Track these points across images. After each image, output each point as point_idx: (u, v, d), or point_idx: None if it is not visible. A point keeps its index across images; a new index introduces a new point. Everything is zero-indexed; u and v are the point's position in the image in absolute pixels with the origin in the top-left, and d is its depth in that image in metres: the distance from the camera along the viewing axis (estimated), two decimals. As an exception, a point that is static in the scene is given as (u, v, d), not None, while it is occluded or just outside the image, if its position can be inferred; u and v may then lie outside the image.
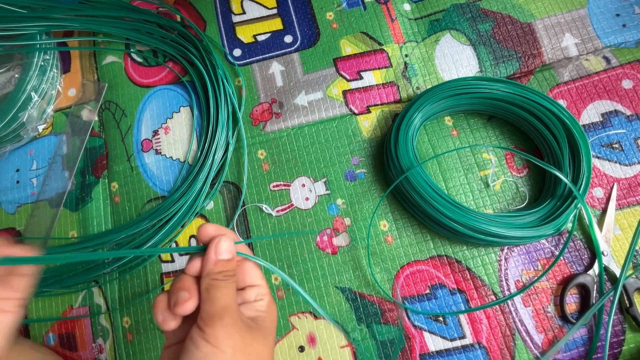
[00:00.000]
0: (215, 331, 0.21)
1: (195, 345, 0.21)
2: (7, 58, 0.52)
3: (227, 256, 0.24)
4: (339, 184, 0.48)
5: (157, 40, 0.54)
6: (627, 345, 0.40)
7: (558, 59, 0.50)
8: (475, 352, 0.41)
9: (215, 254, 0.23)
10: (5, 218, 0.51)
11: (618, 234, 0.43)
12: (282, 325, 0.44)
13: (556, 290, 0.42)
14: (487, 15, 0.52)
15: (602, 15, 0.51)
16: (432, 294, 0.43)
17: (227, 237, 0.24)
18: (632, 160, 0.45)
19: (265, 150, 0.50)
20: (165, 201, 0.47)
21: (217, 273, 0.23)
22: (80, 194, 0.51)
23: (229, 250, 0.24)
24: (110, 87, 0.55)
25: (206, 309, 0.22)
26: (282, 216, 0.48)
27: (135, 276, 0.47)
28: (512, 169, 0.47)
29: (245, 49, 0.54)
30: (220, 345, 0.21)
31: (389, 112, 0.50)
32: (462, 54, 0.51)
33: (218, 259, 0.23)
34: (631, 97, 0.47)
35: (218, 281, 0.23)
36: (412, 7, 0.54)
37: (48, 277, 0.46)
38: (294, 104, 0.51)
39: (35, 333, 0.46)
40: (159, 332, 0.45)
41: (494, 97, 0.45)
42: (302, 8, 0.56)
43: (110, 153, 0.52)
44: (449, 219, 0.41)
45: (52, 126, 0.54)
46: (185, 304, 0.22)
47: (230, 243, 0.24)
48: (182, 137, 0.52)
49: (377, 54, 0.52)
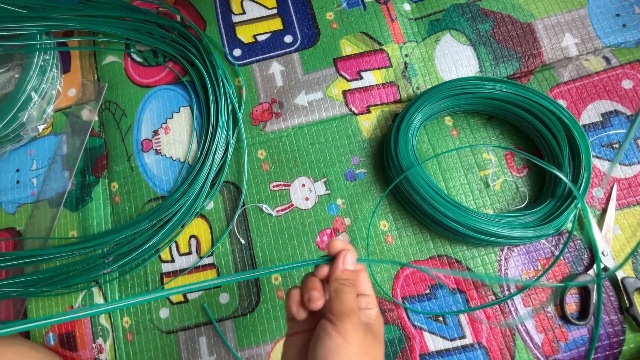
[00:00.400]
0: (345, 326, 0.25)
1: (328, 335, 0.25)
2: (7, 58, 0.52)
3: (351, 267, 0.29)
4: (339, 184, 0.48)
5: (157, 40, 0.54)
6: (627, 345, 0.40)
7: (558, 59, 0.50)
8: (475, 352, 0.41)
9: (343, 264, 0.28)
10: (5, 218, 0.51)
11: (618, 234, 0.43)
12: (282, 325, 0.44)
13: (556, 291, 0.42)
14: (487, 15, 0.52)
15: (602, 15, 0.51)
16: (432, 293, 0.43)
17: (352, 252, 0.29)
18: (632, 160, 0.45)
19: (265, 150, 0.50)
20: (165, 201, 0.47)
21: (344, 279, 0.28)
22: (80, 194, 0.51)
23: (352, 263, 0.29)
24: (110, 87, 0.55)
25: (336, 307, 0.26)
26: (282, 216, 0.48)
27: (135, 276, 0.47)
28: (512, 169, 0.47)
29: (245, 49, 0.54)
30: (348, 339, 0.25)
31: (389, 112, 0.50)
32: (462, 54, 0.51)
33: (344, 268, 0.28)
34: (631, 97, 0.47)
35: (345, 286, 0.27)
36: (412, 7, 0.54)
37: (48, 277, 0.46)
38: (294, 104, 0.51)
39: (35, 333, 0.46)
40: (159, 332, 0.45)
41: (494, 97, 0.45)
42: (302, 8, 0.56)
43: (110, 153, 0.52)
44: (449, 219, 0.41)
45: (52, 126, 0.54)
46: (317, 302, 0.27)
47: (354, 257, 0.29)
48: (182, 137, 0.52)
49: (377, 54, 0.52)
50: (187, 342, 0.44)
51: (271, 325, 0.44)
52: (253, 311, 0.45)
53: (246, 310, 0.45)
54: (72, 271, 0.46)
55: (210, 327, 0.45)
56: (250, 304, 0.45)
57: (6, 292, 0.46)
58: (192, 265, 0.47)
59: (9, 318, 0.47)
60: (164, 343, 0.45)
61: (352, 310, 0.26)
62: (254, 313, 0.45)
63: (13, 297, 0.47)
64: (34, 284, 0.46)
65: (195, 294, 0.46)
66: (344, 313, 0.26)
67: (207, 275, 0.46)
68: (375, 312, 0.29)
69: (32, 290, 0.46)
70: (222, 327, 0.44)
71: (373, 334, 0.27)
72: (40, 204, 0.50)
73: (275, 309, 0.44)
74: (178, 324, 0.45)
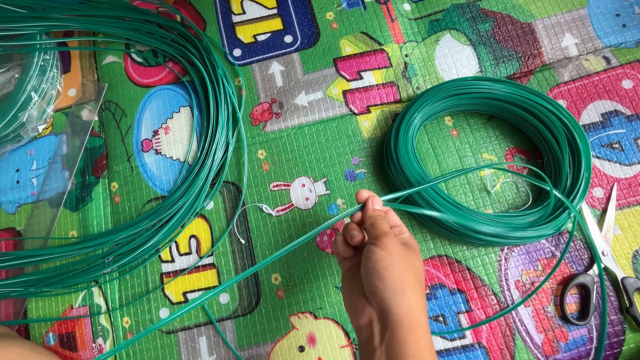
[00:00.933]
0: (383, 242, 0.31)
1: (372, 252, 0.31)
2: (7, 58, 0.52)
3: (379, 206, 0.35)
4: (339, 184, 0.48)
5: (157, 40, 0.54)
6: (627, 345, 0.40)
7: (558, 59, 0.50)
8: (475, 352, 0.41)
9: (372, 205, 0.35)
10: (5, 218, 0.51)
11: (618, 234, 0.43)
12: (282, 325, 0.44)
13: (556, 291, 0.42)
14: (487, 15, 0.52)
15: (602, 15, 0.51)
16: (432, 293, 0.43)
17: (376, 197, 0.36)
18: (632, 160, 0.45)
19: (265, 150, 0.50)
20: (165, 201, 0.47)
21: (376, 215, 0.34)
22: (80, 194, 0.51)
23: (379, 203, 0.35)
24: (110, 87, 0.55)
25: (374, 233, 0.32)
26: (282, 216, 0.47)
27: (135, 276, 0.47)
28: (512, 169, 0.47)
29: (245, 49, 0.54)
30: (388, 250, 0.30)
31: (389, 112, 0.50)
32: (462, 54, 0.51)
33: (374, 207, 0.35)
34: (631, 97, 0.47)
35: (377, 217, 0.34)
36: (412, 7, 0.54)
37: (48, 277, 0.46)
38: (294, 104, 0.51)
39: (36, 333, 0.46)
40: (159, 332, 0.45)
41: (494, 97, 0.45)
42: (302, 8, 0.56)
43: (110, 153, 0.52)
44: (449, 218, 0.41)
45: (52, 126, 0.54)
46: (358, 237, 0.34)
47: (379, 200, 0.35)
48: (182, 137, 0.52)
49: (377, 54, 0.52)
50: (187, 342, 0.44)
51: (271, 325, 0.44)
52: (253, 311, 0.45)
53: (246, 310, 0.45)
54: (72, 271, 0.46)
55: (210, 327, 0.45)
56: (250, 304, 0.45)
57: (6, 292, 0.46)
58: (192, 265, 0.47)
59: (9, 318, 0.47)
60: (164, 343, 0.45)
61: (388, 232, 0.32)
62: (254, 313, 0.45)
63: (13, 297, 0.47)
64: (34, 284, 0.46)
65: (195, 294, 0.46)
66: (381, 234, 0.31)
67: (207, 276, 0.46)
68: (407, 235, 0.35)
69: (32, 290, 0.46)
70: (222, 327, 0.44)
71: (409, 247, 0.33)
72: (40, 204, 0.50)
73: (275, 309, 0.44)
74: (178, 324, 0.45)
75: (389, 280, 0.29)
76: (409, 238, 0.35)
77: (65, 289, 0.47)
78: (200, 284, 0.46)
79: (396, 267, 0.30)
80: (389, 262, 0.30)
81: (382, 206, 0.36)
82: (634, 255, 0.42)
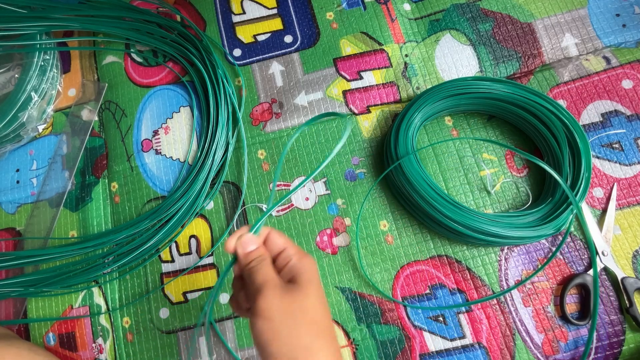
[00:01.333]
0: (257, 304, 0.26)
1: (251, 326, 0.27)
2: (7, 58, 0.52)
3: (252, 247, 0.29)
4: (339, 184, 0.48)
5: (157, 40, 0.54)
6: (627, 345, 0.40)
7: (558, 59, 0.50)
8: (475, 352, 0.41)
9: (243, 250, 0.29)
10: (5, 218, 0.51)
11: (618, 234, 0.43)
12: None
13: (556, 291, 0.42)
14: (487, 15, 0.52)
15: (602, 15, 0.51)
16: (432, 293, 0.43)
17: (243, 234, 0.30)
18: (632, 160, 0.45)
19: (265, 150, 0.50)
20: (165, 201, 0.47)
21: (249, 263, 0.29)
22: (80, 194, 0.51)
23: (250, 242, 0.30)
24: (110, 87, 0.55)
25: (251, 288, 0.28)
26: (282, 216, 0.48)
27: (135, 276, 0.47)
28: (512, 169, 0.47)
29: (245, 49, 0.54)
30: (267, 315, 0.26)
31: (389, 112, 0.50)
32: (462, 54, 0.51)
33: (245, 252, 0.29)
34: (631, 97, 0.47)
35: (252, 267, 0.28)
36: (412, 7, 0.54)
37: (48, 277, 0.46)
38: (294, 104, 0.51)
39: (35, 333, 0.46)
40: (158, 333, 0.45)
41: (494, 97, 0.45)
42: (302, 8, 0.56)
43: (110, 153, 0.52)
44: (449, 219, 0.41)
45: (52, 126, 0.54)
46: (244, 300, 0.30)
47: (248, 236, 0.30)
48: (182, 137, 0.52)
49: (377, 54, 0.52)
50: (187, 342, 0.44)
51: (271, 325, 0.44)
52: (253, 311, 0.45)
53: (246, 310, 0.45)
54: (72, 271, 0.46)
55: (210, 327, 0.45)
56: (250, 304, 0.45)
57: (6, 292, 0.46)
58: (192, 265, 0.47)
59: (9, 318, 0.47)
60: (164, 343, 0.45)
61: (262, 285, 0.27)
62: (254, 313, 0.45)
63: (13, 297, 0.47)
64: (34, 284, 0.46)
65: (195, 294, 0.46)
66: (255, 292, 0.27)
67: (207, 276, 0.46)
68: (294, 262, 0.29)
69: (32, 290, 0.46)
70: (222, 327, 0.44)
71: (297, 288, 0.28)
72: (40, 204, 0.50)
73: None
74: (178, 324, 0.45)
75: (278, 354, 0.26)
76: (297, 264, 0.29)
77: (65, 289, 0.47)
78: (200, 284, 0.46)
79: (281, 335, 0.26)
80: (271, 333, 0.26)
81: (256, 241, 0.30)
82: (634, 255, 0.42)
